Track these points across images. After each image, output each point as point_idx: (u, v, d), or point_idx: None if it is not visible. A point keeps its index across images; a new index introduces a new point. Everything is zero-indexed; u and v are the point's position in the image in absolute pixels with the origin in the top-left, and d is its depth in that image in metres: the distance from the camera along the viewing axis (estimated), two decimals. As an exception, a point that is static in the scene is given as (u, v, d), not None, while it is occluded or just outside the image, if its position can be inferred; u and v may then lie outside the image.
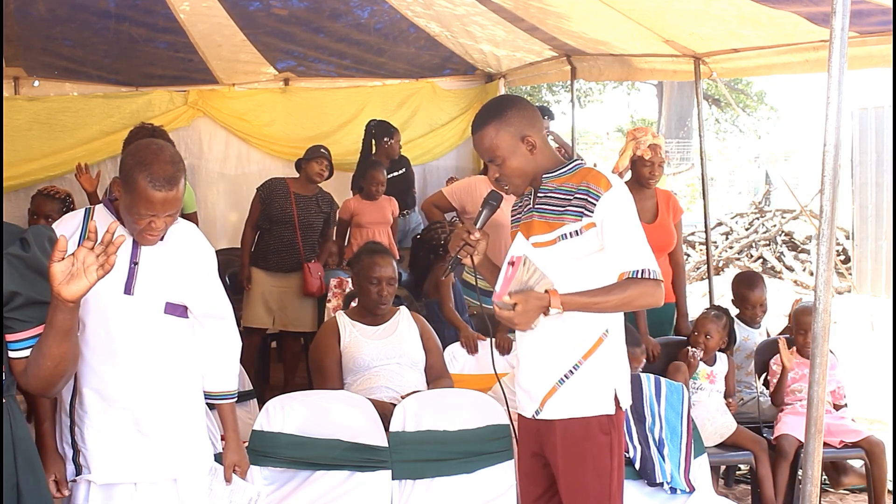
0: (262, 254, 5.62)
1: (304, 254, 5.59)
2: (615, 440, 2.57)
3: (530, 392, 2.65)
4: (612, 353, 2.60)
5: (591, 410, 2.56)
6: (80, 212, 2.72)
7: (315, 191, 5.67)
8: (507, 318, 2.46)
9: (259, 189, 5.66)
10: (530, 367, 2.66)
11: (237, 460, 2.90)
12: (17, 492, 2.01)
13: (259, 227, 5.63)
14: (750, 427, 4.34)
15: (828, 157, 2.53)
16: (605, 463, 2.56)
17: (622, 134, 25.32)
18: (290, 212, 5.54)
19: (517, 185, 2.66)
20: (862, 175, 11.38)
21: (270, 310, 5.60)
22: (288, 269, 5.58)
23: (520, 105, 2.66)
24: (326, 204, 5.73)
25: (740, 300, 4.78)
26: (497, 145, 2.61)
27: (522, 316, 2.44)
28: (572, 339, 2.57)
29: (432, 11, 5.94)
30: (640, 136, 4.50)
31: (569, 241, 2.53)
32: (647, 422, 3.61)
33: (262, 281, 5.58)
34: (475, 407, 3.46)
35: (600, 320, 2.56)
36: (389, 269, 3.84)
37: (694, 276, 11.69)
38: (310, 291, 5.59)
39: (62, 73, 6.81)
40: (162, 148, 2.56)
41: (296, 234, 5.55)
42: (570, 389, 2.57)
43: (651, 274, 2.48)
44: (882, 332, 8.66)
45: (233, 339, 2.86)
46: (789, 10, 4.05)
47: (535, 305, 2.44)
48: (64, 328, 1.95)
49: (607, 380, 2.57)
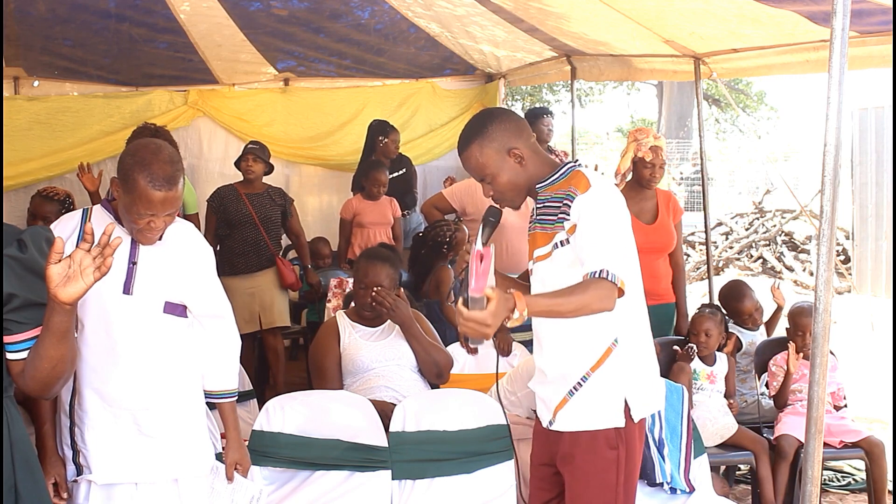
0: (227, 259, 5.60)
1: (273, 249, 5.64)
2: (623, 455, 2.51)
3: (546, 402, 2.63)
4: (624, 362, 2.51)
5: (599, 424, 2.51)
6: (77, 213, 2.73)
7: (264, 188, 5.72)
8: (479, 320, 2.15)
9: (209, 200, 5.69)
10: (545, 377, 2.63)
11: (238, 459, 2.89)
12: (14, 493, 2.01)
13: (218, 236, 5.65)
14: (750, 427, 4.34)
15: (828, 157, 2.53)
16: (610, 478, 2.51)
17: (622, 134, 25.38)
18: (247, 212, 5.56)
19: (512, 198, 2.60)
20: (862, 175, 11.37)
21: (252, 312, 5.59)
22: (256, 268, 5.60)
23: (501, 118, 2.59)
24: (279, 196, 5.76)
25: (733, 313, 4.79)
26: (484, 163, 2.54)
27: (494, 317, 2.15)
28: (581, 351, 2.51)
29: (432, 12, 5.94)
30: (642, 138, 4.50)
31: (561, 249, 2.48)
32: (646, 422, 3.60)
33: (234, 287, 5.42)
34: (475, 407, 3.45)
35: (608, 330, 2.48)
36: (382, 277, 3.82)
37: (694, 276, 11.69)
38: (287, 284, 5.63)
39: (62, 73, 6.81)
40: (161, 147, 2.56)
41: (260, 231, 5.58)
42: (579, 402, 2.52)
43: (608, 275, 2.31)
44: (882, 332, 8.65)
45: (232, 338, 2.87)
46: (790, 9, 4.04)
47: (503, 308, 2.18)
48: (61, 330, 1.94)
49: (617, 391, 2.51)
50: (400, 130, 6.88)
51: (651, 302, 4.35)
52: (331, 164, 7.56)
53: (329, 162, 7.56)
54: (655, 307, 4.46)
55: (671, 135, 19.88)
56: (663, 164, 4.52)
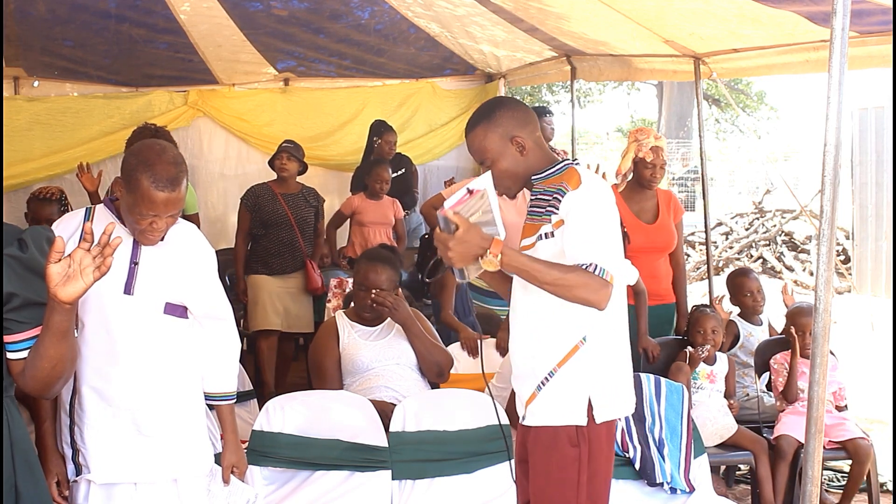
0: (261, 258, 5.58)
1: (306, 251, 5.60)
2: (585, 453, 2.49)
3: (520, 396, 2.64)
4: (591, 361, 2.51)
5: (561, 420, 2.50)
6: (80, 212, 2.72)
7: (299, 187, 5.69)
8: (443, 241, 2.32)
9: (243, 199, 5.65)
10: (518, 372, 2.65)
11: (235, 461, 2.89)
12: (15, 492, 2.01)
13: (252, 235, 5.62)
14: (750, 427, 4.34)
15: (828, 157, 2.53)
16: (570, 475, 2.50)
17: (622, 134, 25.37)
18: (283, 212, 5.53)
19: (508, 186, 2.63)
20: (862, 175, 11.37)
21: (278, 311, 5.57)
22: (291, 270, 5.57)
23: (510, 106, 2.63)
24: (313, 197, 5.73)
25: (737, 290, 4.81)
26: (486, 147, 2.58)
27: (459, 244, 2.30)
28: (549, 346, 2.52)
29: (432, 12, 5.94)
30: (642, 139, 4.50)
31: (545, 241, 2.49)
32: (647, 422, 3.61)
33: (268, 283, 5.53)
34: (475, 407, 3.45)
35: (577, 327, 2.48)
36: (382, 279, 3.82)
37: (694, 276, 11.68)
38: (314, 288, 5.58)
39: (62, 74, 6.81)
40: (165, 149, 2.56)
41: (294, 233, 5.54)
42: (545, 397, 2.53)
43: (598, 270, 2.34)
44: (882, 332, 8.65)
45: (232, 340, 2.86)
46: (790, 9, 4.04)
47: (475, 242, 2.31)
48: (61, 329, 1.94)
49: (581, 389, 2.50)
50: (400, 130, 6.88)
51: (651, 302, 4.41)
52: (331, 164, 7.56)
53: (329, 162, 7.56)
54: (655, 307, 4.49)
55: (671, 135, 19.87)
56: (664, 165, 4.52)
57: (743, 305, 4.83)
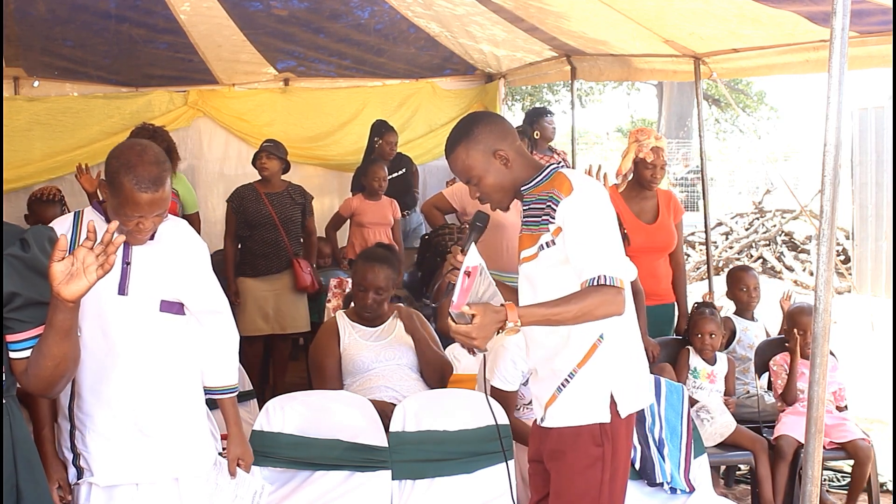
0: (247, 261, 5.58)
1: (292, 250, 5.59)
2: (609, 451, 2.50)
3: (538, 399, 2.65)
4: (610, 357, 2.52)
5: (583, 419, 2.51)
6: (69, 216, 2.72)
7: (284, 186, 5.67)
8: (464, 333, 2.28)
9: (229, 200, 5.65)
10: (538, 375, 2.65)
11: (241, 454, 2.89)
12: (16, 493, 2.01)
13: (238, 237, 5.62)
14: (750, 427, 4.34)
15: (828, 157, 2.53)
16: (594, 475, 2.50)
17: (622, 134, 25.38)
18: (266, 212, 5.52)
19: (499, 200, 2.62)
20: (862, 175, 11.36)
21: (266, 315, 5.57)
22: (277, 270, 5.57)
23: (486, 120, 2.63)
24: (299, 195, 5.71)
25: (735, 284, 4.82)
26: (470, 165, 2.57)
27: (480, 330, 2.26)
28: (568, 347, 2.52)
29: (432, 12, 5.94)
30: (643, 139, 4.50)
31: (547, 250, 2.49)
32: (647, 422, 3.60)
33: (253, 288, 5.53)
34: (475, 407, 3.45)
35: (594, 326, 2.48)
36: (381, 279, 3.82)
37: (694, 276, 11.68)
38: (303, 286, 5.58)
39: (62, 74, 6.81)
40: (146, 149, 2.53)
41: (279, 232, 5.54)
42: (566, 398, 2.54)
43: (608, 280, 2.35)
44: (882, 332, 8.65)
45: (231, 333, 2.86)
46: (790, 9, 4.05)
47: (492, 319, 2.27)
48: (64, 328, 1.95)
49: (603, 386, 2.51)
50: (400, 130, 6.87)
51: (651, 302, 4.41)
52: (331, 164, 7.56)
53: (329, 162, 7.56)
54: (655, 307, 4.49)
55: (671, 135, 19.86)
56: (664, 165, 4.53)
57: (738, 300, 4.84)
